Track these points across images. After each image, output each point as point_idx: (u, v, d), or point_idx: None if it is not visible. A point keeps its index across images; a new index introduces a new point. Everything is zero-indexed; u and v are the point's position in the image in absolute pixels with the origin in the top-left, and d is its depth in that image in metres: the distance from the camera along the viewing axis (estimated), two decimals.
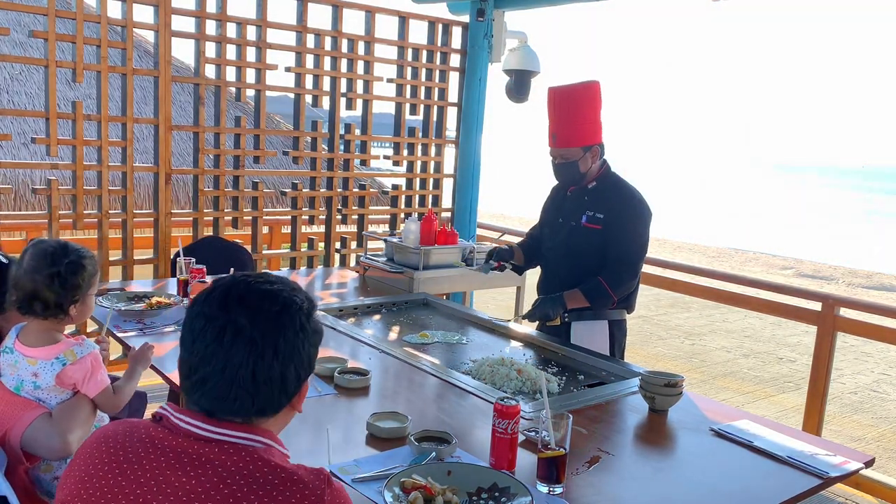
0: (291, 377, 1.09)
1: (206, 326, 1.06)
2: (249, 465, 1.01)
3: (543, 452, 1.59)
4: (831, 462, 1.82)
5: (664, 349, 6.61)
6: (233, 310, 1.06)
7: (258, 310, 1.06)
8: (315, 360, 1.16)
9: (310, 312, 1.13)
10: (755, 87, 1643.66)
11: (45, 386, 1.75)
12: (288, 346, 1.07)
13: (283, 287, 1.12)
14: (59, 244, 1.81)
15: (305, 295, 1.15)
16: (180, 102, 5.97)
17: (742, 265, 14.81)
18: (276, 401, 1.09)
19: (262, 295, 1.08)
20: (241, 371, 1.04)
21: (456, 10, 5.02)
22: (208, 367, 1.05)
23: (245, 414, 1.06)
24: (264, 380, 1.06)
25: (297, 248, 4.60)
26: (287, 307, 1.09)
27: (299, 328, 1.09)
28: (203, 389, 1.06)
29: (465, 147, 5.05)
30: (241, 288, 1.09)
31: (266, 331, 1.06)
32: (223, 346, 1.04)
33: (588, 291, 2.76)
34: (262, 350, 1.05)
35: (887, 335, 3.52)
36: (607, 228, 2.77)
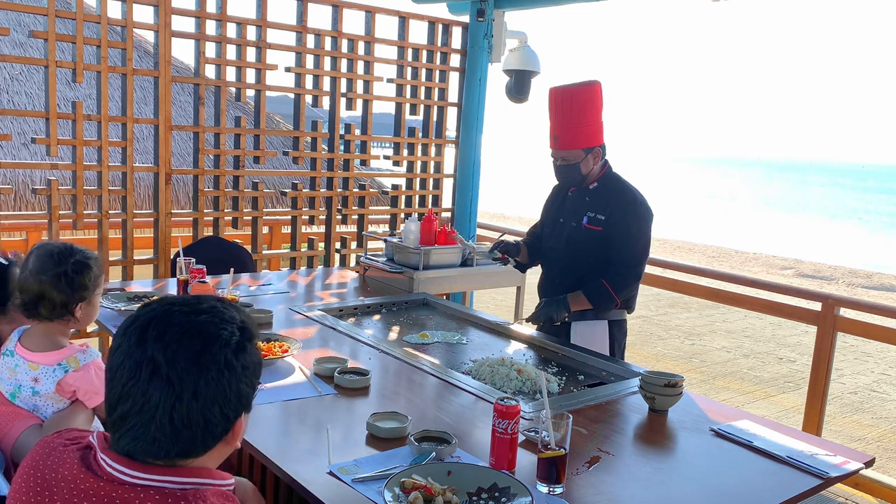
0: (216, 419, 1.00)
1: (123, 362, 0.99)
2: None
3: (543, 452, 1.59)
4: (831, 462, 1.82)
5: (664, 349, 6.61)
6: (150, 346, 0.97)
7: (178, 347, 0.97)
8: (251, 395, 1.06)
9: (240, 347, 1.02)
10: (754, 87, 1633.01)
11: (44, 392, 1.74)
12: (210, 387, 0.98)
13: (211, 318, 1.02)
14: (64, 245, 1.81)
15: (240, 324, 1.04)
16: (180, 102, 5.96)
17: (742, 265, 14.81)
18: (200, 443, 1.01)
19: (184, 330, 0.99)
20: (157, 413, 0.96)
21: (456, 10, 5.02)
22: (126, 406, 0.98)
23: (166, 457, 0.99)
24: (184, 423, 0.97)
25: (297, 248, 4.60)
26: (209, 344, 0.99)
27: (224, 366, 0.99)
28: (122, 429, 0.99)
29: (465, 147, 5.04)
30: (161, 321, 1.00)
31: (184, 371, 0.97)
32: (139, 385, 0.97)
33: (591, 294, 2.76)
34: (179, 392, 0.96)
35: (887, 335, 3.52)
36: (608, 230, 2.77)
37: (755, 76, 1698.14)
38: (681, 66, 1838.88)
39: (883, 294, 12.37)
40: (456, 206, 5.14)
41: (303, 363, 2.30)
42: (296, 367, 2.27)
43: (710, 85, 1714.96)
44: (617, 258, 2.76)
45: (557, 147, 2.81)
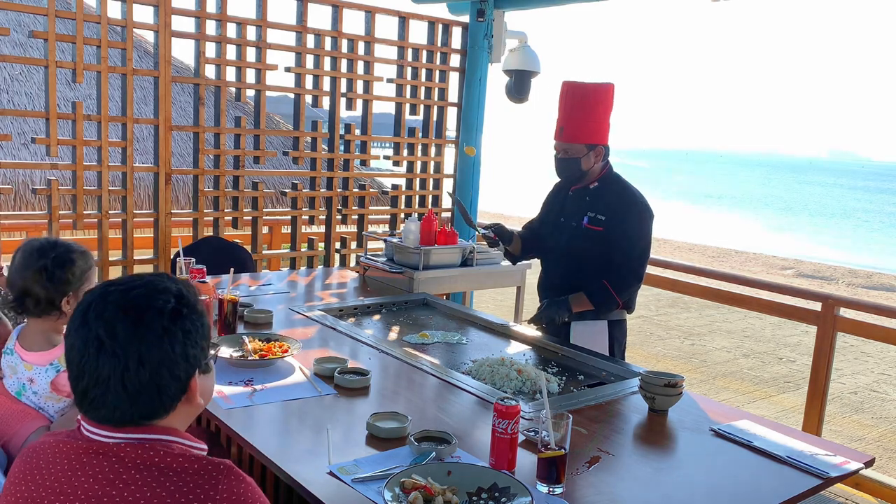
0: (166, 381, 1.08)
1: (73, 343, 1.08)
2: (144, 456, 1.05)
3: (543, 452, 1.59)
4: (831, 462, 1.82)
5: (664, 349, 6.61)
6: (91, 325, 1.06)
7: (115, 322, 1.06)
8: (200, 355, 1.13)
9: (175, 313, 1.09)
10: (754, 86, 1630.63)
11: (41, 392, 1.74)
12: (153, 353, 1.06)
13: (144, 291, 1.09)
14: (48, 240, 1.80)
15: (176, 293, 1.12)
16: (180, 102, 5.97)
17: (742, 265, 14.81)
18: (158, 405, 1.09)
19: (120, 306, 1.07)
20: (111, 383, 1.05)
21: (456, 10, 5.02)
22: (84, 381, 1.06)
23: (130, 421, 1.07)
24: (136, 389, 1.06)
25: (297, 248, 4.60)
26: (144, 314, 1.07)
27: (162, 333, 1.07)
28: (86, 402, 1.07)
29: (466, 147, 5.04)
30: (99, 302, 1.08)
31: (126, 342, 1.05)
32: (90, 361, 1.05)
33: (593, 295, 2.76)
34: (125, 362, 1.04)
35: (887, 335, 3.52)
36: (609, 230, 2.77)
37: (755, 75, 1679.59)
38: (680, 66, 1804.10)
39: (883, 294, 12.37)
40: (456, 206, 5.14)
41: (303, 363, 2.30)
42: (296, 367, 2.27)
43: (710, 84, 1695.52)
44: (618, 259, 2.76)
45: (562, 139, 2.81)
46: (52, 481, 1.06)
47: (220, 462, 1.07)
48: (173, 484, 1.03)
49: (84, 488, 1.03)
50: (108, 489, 1.03)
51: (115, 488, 1.02)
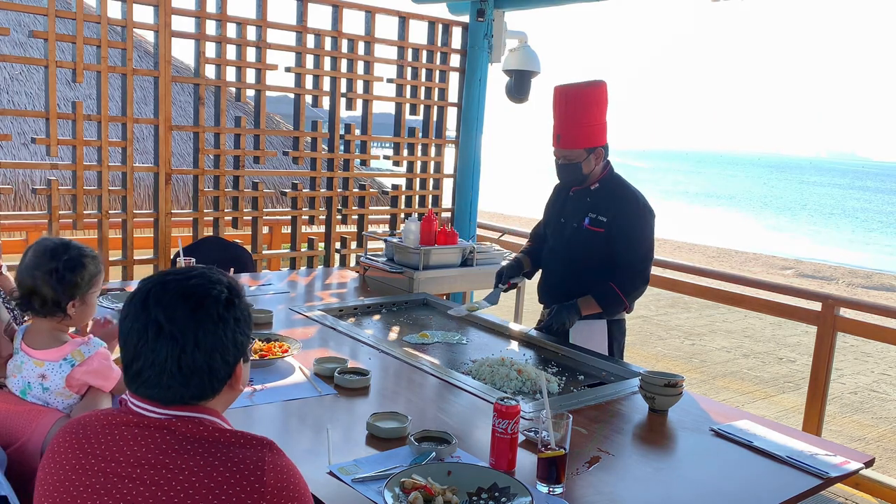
0: (218, 364, 1.15)
1: (132, 327, 1.14)
2: (194, 430, 1.11)
3: (543, 452, 1.59)
4: (831, 462, 1.82)
5: (664, 349, 6.61)
6: (152, 310, 1.13)
7: (175, 307, 1.13)
8: (246, 343, 1.21)
9: (229, 301, 1.17)
10: (753, 86, 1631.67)
11: (53, 388, 1.75)
12: (208, 338, 1.13)
13: (201, 281, 1.17)
14: (62, 241, 1.81)
15: (228, 284, 1.19)
16: (180, 102, 5.97)
17: (742, 265, 14.81)
18: (208, 387, 1.16)
19: (180, 293, 1.14)
20: (167, 365, 1.11)
21: (456, 10, 5.02)
22: (140, 362, 1.12)
23: (181, 401, 1.14)
24: (191, 370, 1.12)
25: (297, 248, 4.60)
26: (202, 301, 1.14)
27: (217, 319, 1.14)
28: (140, 380, 1.13)
29: (465, 147, 5.05)
30: (159, 289, 1.15)
31: (184, 326, 1.12)
32: (148, 344, 1.12)
33: (601, 297, 2.76)
34: (183, 344, 1.11)
35: (887, 335, 3.52)
36: (611, 232, 2.76)
37: (754, 75, 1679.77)
38: (680, 66, 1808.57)
39: (883, 294, 12.38)
40: (456, 206, 5.14)
41: (303, 363, 2.30)
42: (296, 367, 2.28)
43: (710, 84, 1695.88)
44: (623, 261, 2.75)
45: (560, 146, 2.80)
46: (102, 449, 1.11)
47: (263, 438, 1.14)
48: (223, 454, 1.09)
49: (137, 456, 1.08)
50: (160, 457, 1.08)
51: (168, 456, 1.08)
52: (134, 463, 1.08)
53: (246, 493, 1.06)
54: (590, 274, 2.79)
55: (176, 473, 1.06)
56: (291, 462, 1.15)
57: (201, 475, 1.06)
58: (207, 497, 1.05)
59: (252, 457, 1.09)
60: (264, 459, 1.09)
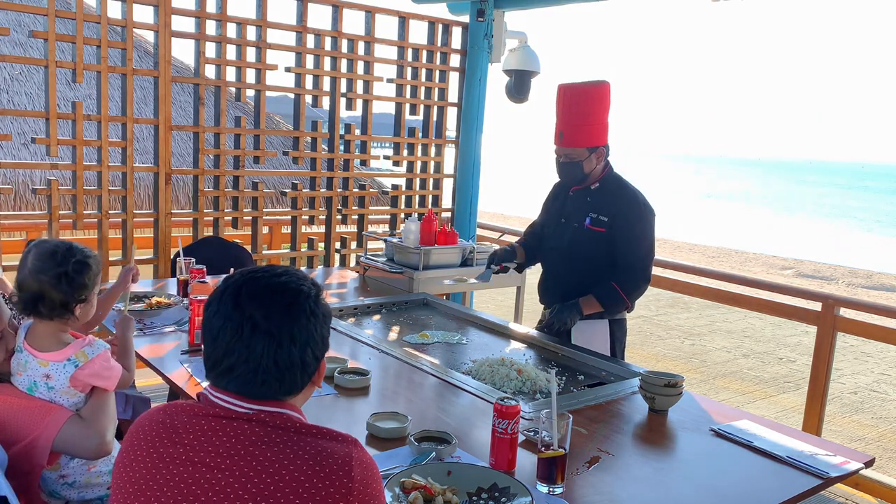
0: (310, 359, 1.17)
1: (224, 325, 1.14)
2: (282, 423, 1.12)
3: (543, 452, 1.59)
4: (831, 462, 1.82)
5: (664, 349, 6.61)
6: (246, 307, 1.13)
7: (270, 304, 1.14)
8: (328, 338, 1.22)
9: (318, 297, 1.19)
10: (753, 86, 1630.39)
11: (58, 388, 1.76)
12: (302, 333, 1.15)
13: (291, 278, 1.19)
14: (64, 244, 1.81)
15: (312, 281, 1.22)
16: (180, 102, 5.96)
17: (742, 265, 14.81)
18: (299, 382, 1.17)
19: (272, 289, 1.16)
20: (263, 360, 1.12)
21: (456, 10, 5.02)
22: (233, 358, 1.13)
23: (273, 396, 1.15)
24: (286, 366, 1.14)
25: (297, 248, 4.60)
26: (296, 297, 1.16)
27: (310, 314, 1.16)
28: (231, 376, 1.14)
29: (465, 147, 5.05)
30: (250, 285, 1.16)
31: (281, 322, 1.13)
32: (243, 341, 1.12)
33: (602, 297, 2.76)
34: (279, 340, 1.13)
35: (887, 335, 3.52)
36: (612, 231, 2.76)
37: (754, 75, 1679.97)
38: (680, 66, 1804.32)
39: (883, 294, 12.37)
40: (456, 206, 5.14)
41: None
42: None
43: (710, 84, 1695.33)
44: (624, 261, 2.76)
45: (562, 144, 2.81)
46: (191, 439, 1.11)
47: (348, 434, 1.14)
48: (312, 447, 1.09)
49: (227, 446, 1.09)
50: (249, 448, 1.08)
51: (258, 447, 1.08)
52: (224, 453, 1.08)
53: (335, 486, 1.06)
54: (591, 273, 2.79)
55: (266, 465, 1.06)
56: (373, 459, 1.15)
57: (291, 467, 1.06)
58: (297, 489, 1.05)
59: (340, 451, 1.10)
60: (351, 455, 1.10)
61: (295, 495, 1.04)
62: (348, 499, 1.06)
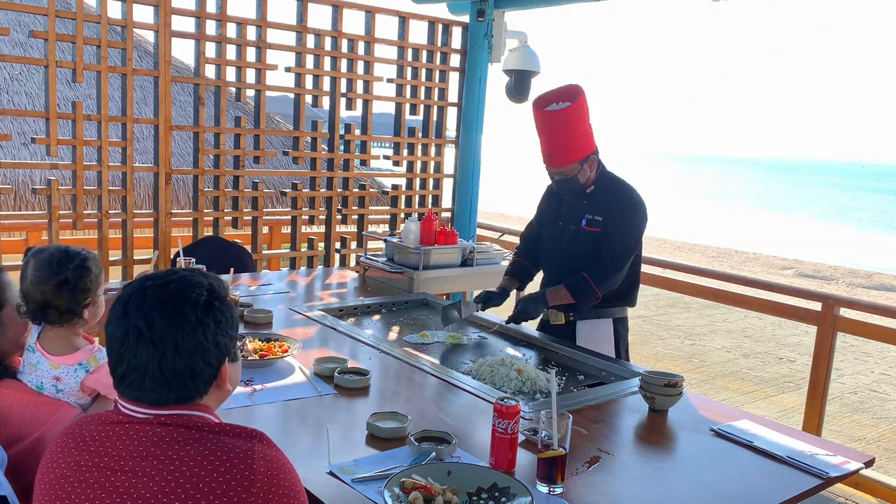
0: (200, 367, 1.17)
1: (113, 331, 1.17)
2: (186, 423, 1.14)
3: (543, 452, 1.59)
4: (831, 462, 1.82)
5: (664, 349, 6.61)
6: (132, 316, 1.15)
7: (153, 313, 1.15)
8: (229, 343, 1.22)
9: (208, 305, 1.18)
10: (753, 86, 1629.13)
11: (67, 390, 1.77)
12: (188, 342, 1.15)
13: (179, 286, 1.18)
14: (60, 250, 1.80)
15: (208, 286, 1.20)
16: (180, 102, 5.97)
17: (742, 265, 14.81)
18: (192, 389, 1.17)
19: (157, 299, 1.16)
20: (149, 368, 1.14)
21: (456, 10, 5.02)
22: (123, 367, 1.15)
23: (166, 403, 1.16)
24: (173, 374, 1.15)
25: (297, 248, 4.60)
26: (181, 306, 1.16)
27: (196, 323, 1.16)
28: (124, 384, 1.16)
29: (465, 147, 5.05)
30: (138, 295, 1.17)
31: (163, 332, 1.14)
32: (130, 349, 1.14)
33: (572, 287, 2.75)
34: (163, 349, 1.13)
35: (887, 335, 3.52)
36: (605, 229, 2.77)
37: (754, 75, 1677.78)
38: (680, 66, 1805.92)
39: (883, 294, 12.37)
40: (456, 206, 5.14)
41: (303, 363, 2.30)
42: (296, 367, 2.28)
43: (710, 84, 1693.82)
44: (605, 252, 2.76)
45: (553, 165, 2.79)
46: (97, 445, 1.14)
47: (252, 429, 1.16)
48: (213, 444, 1.11)
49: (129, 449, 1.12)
50: (151, 449, 1.11)
51: (159, 448, 1.11)
52: (126, 456, 1.11)
53: (236, 480, 1.08)
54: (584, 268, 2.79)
55: (167, 463, 1.09)
56: (282, 453, 1.17)
57: (192, 464, 1.09)
58: (198, 485, 1.07)
59: (242, 446, 1.12)
60: (254, 449, 1.12)
61: (195, 490, 1.07)
62: (250, 491, 1.08)
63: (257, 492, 1.09)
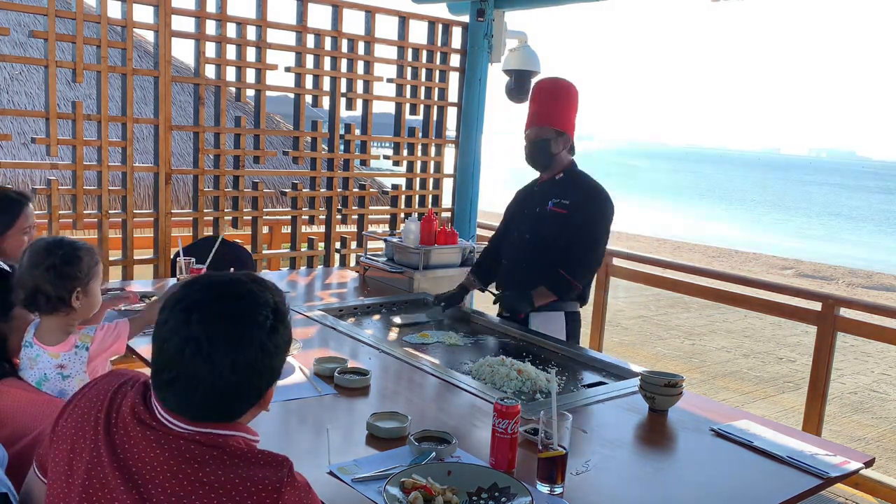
0: (252, 391, 1.13)
1: (170, 336, 1.10)
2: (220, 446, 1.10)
3: (543, 452, 1.59)
4: (831, 462, 1.82)
5: (664, 349, 6.61)
6: (193, 327, 1.09)
7: (217, 330, 1.09)
8: (280, 367, 1.18)
9: (273, 329, 1.13)
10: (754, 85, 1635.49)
11: (73, 375, 1.80)
12: (247, 364, 1.10)
13: (248, 303, 1.13)
14: (54, 239, 1.86)
15: (273, 307, 1.15)
16: (180, 102, 5.96)
17: (742, 265, 14.81)
18: (237, 409, 1.14)
19: (223, 315, 1.11)
20: (201, 385, 1.09)
21: (456, 10, 5.02)
22: (173, 373, 1.10)
23: (208, 420, 1.12)
24: (223, 395, 1.10)
25: (297, 248, 4.60)
26: (248, 328, 1.11)
27: (259, 347, 1.11)
28: (170, 390, 1.11)
29: (465, 147, 5.04)
30: (204, 306, 1.11)
31: (224, 351, 1.09)
32: (185, 359, 1.09)
33: (551, 285, 2.85)
34: (220, 369, 1.09)
35: (887, 335, 3.52)
36: (572, 213, 2.85)
37: (754, 75, 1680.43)
38: (680, 65, 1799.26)
39: (883, 294, 12.37)
40: (456, 206, 5.14)
41: (303, 363, 2.30)
42: (296, 367, 2.27)
43: (710, 84, 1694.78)
44: (576, 245, 2.83)
45: (536, 123, 2.92)
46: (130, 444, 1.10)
47: (281, 457, 1.12)
48: (244, 471, 1.08)
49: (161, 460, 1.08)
50: (182, 466, 1.07)
51: (190, 466, 1.07)
52: (158, 468, 1.08)
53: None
54: (550, 253, 2.86)
55: (197, 486, 1.06)
56: (306, 480, 1.14)
57: (221, 491, 1.06)
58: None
59: (272, 476, 1.09)
60: (283, 480, 1.09)
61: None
62: None
63: None
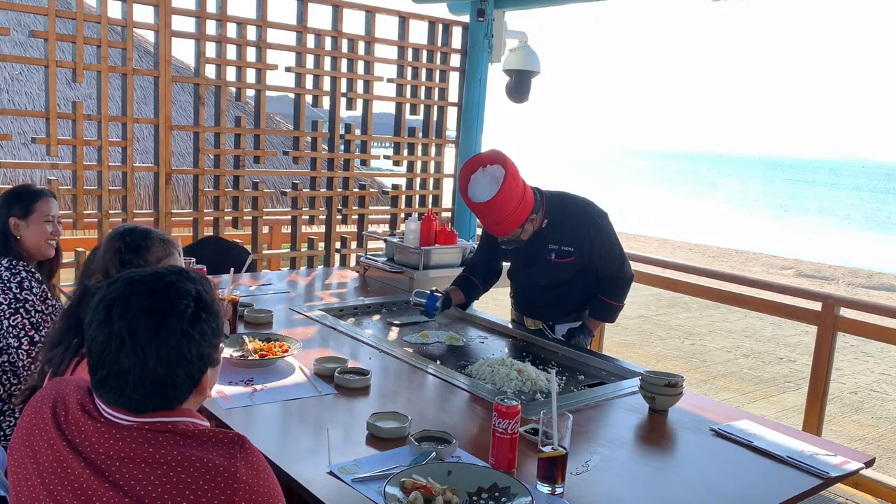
0: (181, 378, 1.14)
1: (96, 335, 1.12)
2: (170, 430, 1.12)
3: (543, 452, 1.59)
4: (831, 462, 1.82)
5: (664, 349, 6.61)
6: (116, 322, 1.11)
7: (137, 323, 1.11)
8: (213, 354, 1.19)
9: (195, 317, 1.14)
10: (754, 85, 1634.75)
11: None
12: (171, 354, 1.12)
13: (167, 296, 1.14)
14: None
15: (195, 295, 1.16)
16: (180, 102, 5.97)
17: (742, 265, 14.81)
18: (172, 398, 1.14)
19: (142, 308, 1.12)
20: (129, 377, 1.10)
21: (456, 10, 5.02)
22: (104, 371, 1.11)
23: (144, 411, 1.13)
24: (153, 385, 1.11)
25: (297, 248, 4.60)
26: (166, 318, 1.12)
27: (181, 336, 1.12)
28: (102, 390, 1.13)
29: (465, 147, 5.04)
30: (123, 301, 1.12)
31: (147, 343, 1.10)
32: (111, 355, 1.10)
33: (597, 313, 2.89)
34: (145, 360, 1.10)
35: (887, 335, 3.52)
36: (582, 255, 2.77)
37: (755, 74, 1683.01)
38: (680, 66, 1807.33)
39: (883, 294, 12.37)
40: (456, 206, 5.14)
41: (303, 363, 2.30)
42: (296, 367, 2.28)
43: (711, 84, 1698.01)
44: (603, 273, 2.84)
45: (497, 234, 2.73)
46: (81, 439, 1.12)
47: (235, 434, 1.15)
48: (199, 450, 1.10)
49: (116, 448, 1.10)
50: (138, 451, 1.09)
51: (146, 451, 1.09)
52: (114, 456, 1.10)
53: (220, 488, 1.08)
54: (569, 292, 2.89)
55: (155, 468, 1.08)
56: (262, 456, 1.17)
57: (178, 469, 1.08)
58: (185, 492, 1.07)
59: (226, 453, 1.11)
60: (237, 456, 1.11)
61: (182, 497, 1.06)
62: (233, 500, 1.08)
63: (239, 500, 1.08)
